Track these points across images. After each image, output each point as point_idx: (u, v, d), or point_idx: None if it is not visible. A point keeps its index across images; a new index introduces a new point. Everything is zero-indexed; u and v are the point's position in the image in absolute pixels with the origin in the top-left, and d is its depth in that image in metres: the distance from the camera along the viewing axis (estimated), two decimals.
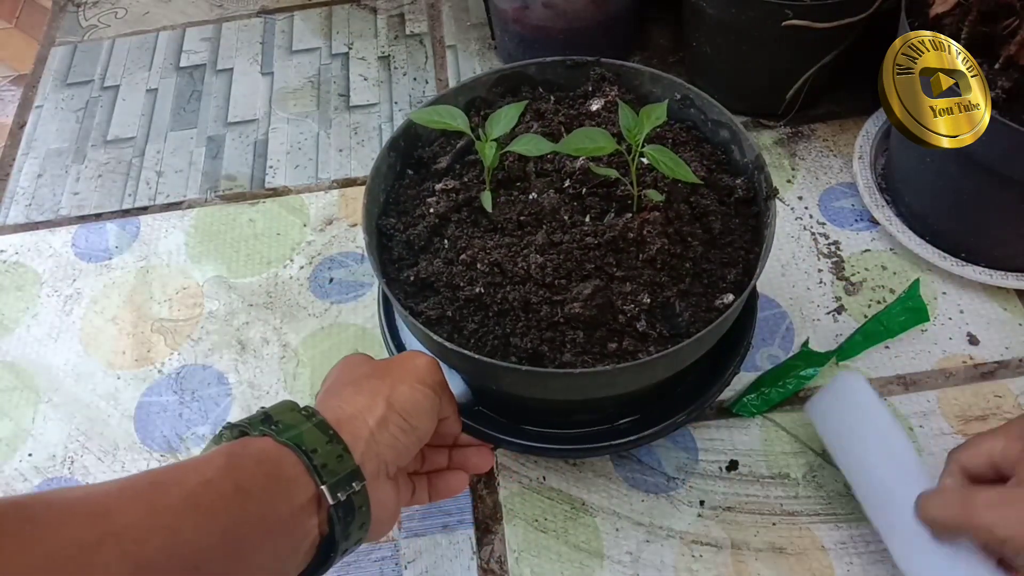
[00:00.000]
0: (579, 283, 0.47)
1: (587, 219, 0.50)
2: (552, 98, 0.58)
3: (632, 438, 0.53)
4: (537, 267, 0.47)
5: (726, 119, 0.54)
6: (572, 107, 0.57)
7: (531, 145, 0.49)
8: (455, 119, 0.51)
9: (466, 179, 0.54)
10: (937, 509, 0.46)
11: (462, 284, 0.48)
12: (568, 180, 0.52)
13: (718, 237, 0.51)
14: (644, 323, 0.46)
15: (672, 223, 0.49)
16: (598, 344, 0.47)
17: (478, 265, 0.48)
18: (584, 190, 0.51)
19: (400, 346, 0.58)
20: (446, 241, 0.51)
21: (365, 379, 0.44)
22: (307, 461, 0.37)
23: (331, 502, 0.37)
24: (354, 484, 0.38)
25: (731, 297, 0.48)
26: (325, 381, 0.47)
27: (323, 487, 0.37)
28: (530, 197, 0.51)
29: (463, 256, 0.49)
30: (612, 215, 0.50)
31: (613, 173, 0.49)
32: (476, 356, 0.45)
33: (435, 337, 0.46)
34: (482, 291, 0.48)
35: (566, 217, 0.50)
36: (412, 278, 0.50)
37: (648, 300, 0.47)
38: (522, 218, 0.50)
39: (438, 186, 0.54)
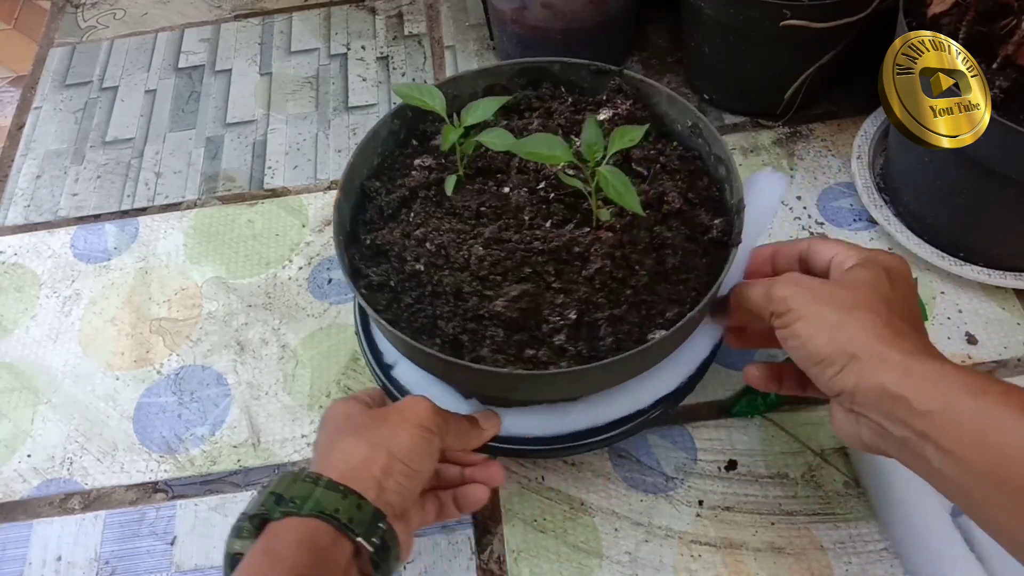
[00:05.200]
0: (514, 283, 0.47)
1: (548, 224, 0.49)
2: (570, 99, 0.58)
3: (609, 435, 0.54)
4: (476, 259, 0.47)
5: (725, 156, 0.53)
6: (578, 112, 0.57)
7: (497, 138, 0.49)
8: (433, 99, 0.52)
9: (448, 159, 0.54)
10: (751, 289, 0.47)
11: (408, 258, 0.49)
12: (544, 182, 0.52)
13: (671, 272, 0.49)
14: (564, 337, 0.46)
15: (624, 247, 0.47)
16: (515, 347, 0.46)
17: (427, 244, 0.49)
18: (552, 195, 0.51)
19: (368, 334, 0.58)
20: (411, 215, 0.52)
21: (365, 429, 0.45)
22: (335, 523, 0.40)
23: (371, 549, 0.41)
24: (381, 525, 0.41)
25: (662, 333, 0.46)
26: (323, 427, 0.49)
27: (358, 539, 0.40)
28: (504, 191, 0.52)
29: (416, 232, 0.50)
30: (572, 226, 0.49)
31: (579, 185, 0.48)
32: (393, 330, 0.46)
33: (363, 303, 0.47)
34: (423, 269, 0.48)
35: (527, 217, 0.50)
36: (369, 242, 0.51)
37: (574, 316, 0.46)
38: (482, 209, 0.50)
39: (417, 161, 0.54)
